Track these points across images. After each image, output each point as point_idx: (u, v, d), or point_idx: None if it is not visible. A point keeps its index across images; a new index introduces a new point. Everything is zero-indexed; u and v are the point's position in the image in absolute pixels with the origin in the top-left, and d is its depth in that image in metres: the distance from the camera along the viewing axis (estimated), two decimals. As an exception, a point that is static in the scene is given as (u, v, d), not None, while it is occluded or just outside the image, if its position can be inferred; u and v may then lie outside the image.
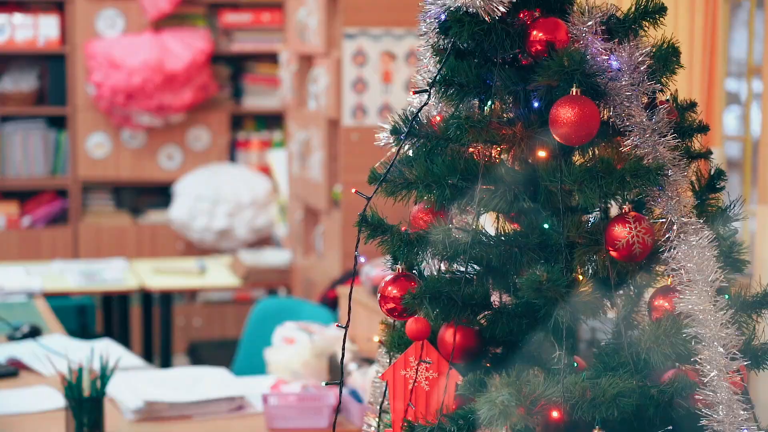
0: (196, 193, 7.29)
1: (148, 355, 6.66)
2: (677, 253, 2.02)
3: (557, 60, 2.03)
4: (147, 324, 6.67)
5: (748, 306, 2.13)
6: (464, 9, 2.08)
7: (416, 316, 2.15)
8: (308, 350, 3.78)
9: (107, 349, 4.19)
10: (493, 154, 2.18)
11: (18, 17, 7.56)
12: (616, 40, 2.11)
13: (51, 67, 7.68)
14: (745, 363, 2.00)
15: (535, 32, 2.10)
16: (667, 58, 2.12)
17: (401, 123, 2.16)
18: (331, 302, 5.05)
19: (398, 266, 2.16)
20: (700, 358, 1.99)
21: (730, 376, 1.98)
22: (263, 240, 7.52)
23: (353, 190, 2.13)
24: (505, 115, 2.12)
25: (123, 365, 4.00)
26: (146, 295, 6.54)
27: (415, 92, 2.14)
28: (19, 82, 7.64)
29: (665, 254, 2.04)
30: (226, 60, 7.94)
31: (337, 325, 2.17)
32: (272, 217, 7.21)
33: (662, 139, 2.05)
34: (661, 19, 2.15)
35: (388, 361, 2.32)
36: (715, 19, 3.80)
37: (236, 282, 6.39)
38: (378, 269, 4.22)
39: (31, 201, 7.72)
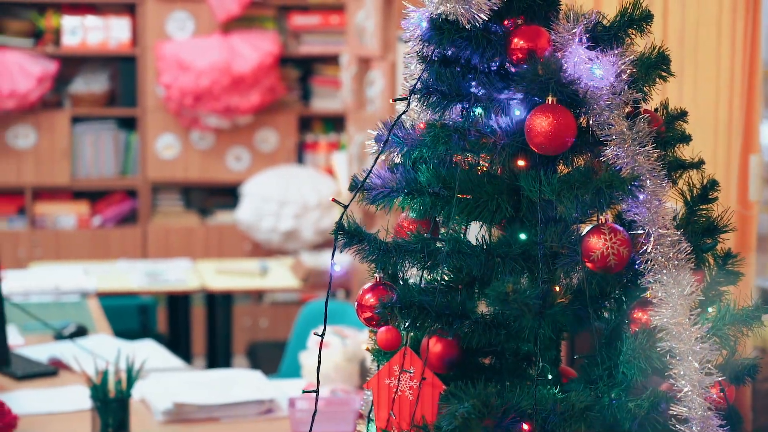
0: (263, 195, 7.33)
1: (212, 356, 6.71)
2: (653, 265, 1.98)
3: (532, 68, 2.00)
4: (211, 324, 6.72)
5: (737, 319, 2.09)
6: (444, 16, 2.06)
7: (389, 325, 2.14)
8: (340, 354, 3.78)
9: (148, 350, 4.24)
10: (479, 163, 2.16)
11: (90, 19, 7.67)
12: (600, 48, 2.08)
13: (122, 69, 7.78)
14: (720, 378, 1.96)
15: (516, 40, 2.08)
16: (650, 67, 2.08)
17: (384, 130, 2.15)
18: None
19: (377, 274, 2.15)
20: (674, 373, 1.95)
21: (707, 392, 1.94)
22: (329, 242, 7.54)
23: (331, 199, 2.12)
24: (486, 123, 2.10)
25: (162, 366, 4.05)
26: (210, 296, 6.59)
27: (395, 100, 2.13)
28: (90, 84, 7.75)
29: (642, 266, 2.00)
30: (295, 62, 7.98)
31: (314, 333, 2.16)
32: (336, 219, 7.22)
33: (642, 149, 2.01)
34: (647, 26, 2.12)
35: (376, 369, 2.31)
36: (756, 25, 3.73)
37: (297, 284, 6.41)
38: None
39: (101, 201, 7.82)
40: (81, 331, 4.44)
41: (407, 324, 2.05)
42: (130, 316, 6.38)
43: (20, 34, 7.61)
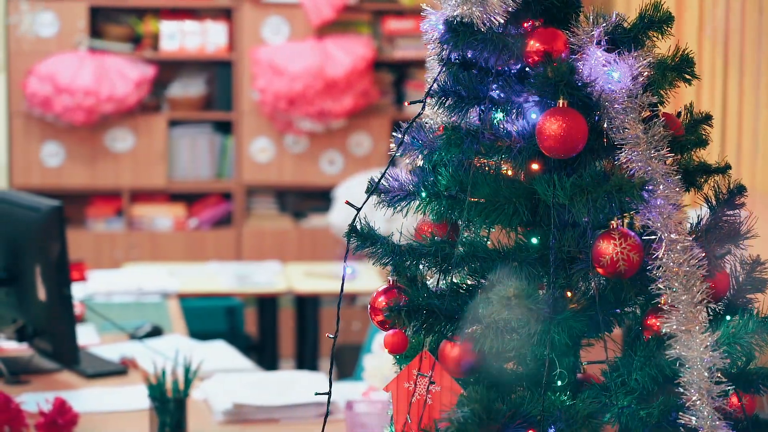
0: (355, 198, 7.34)
1: (301, 358, 6.76)
2: (664, 271, 1.95)
3: (543, 71, 1.98)
4: (300, 327, 6.76)
5: (760, 327, 2.04)
6: (460, 19, 2.05)
7: (397, 328, 2.13)
8: (402, 358, 3.77)
9: (217, 350, 4.28)
10: (500, 167, 2.14)
11: (188, 25, 7.77)
12: (618, 50, 2.05)
13: (218, 73, 7.87)
14: (730, 387, 1.91)
15: (532, 42, 2.06)
16: (667, 69, 2.04)
17: (403, 133, 2.15)
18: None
19: (390, 278, 2.15)
20: (683, 381, 1.91)
21: (716, 401, 1.90)
22: (420, 246, 7.52)
23: (345, 201, 2.12)
24: (502, 126, 2.08)
25: (228, 367, 4.09)
26: (299, 298, 6.63)
27: (410, 103, 2.12)
28: (188, 88, 7.86)
29: (653, 272, 1.97)
30: (389, 66, 7.99)
31: (328, 335, 2.16)
32: (427, 224, 7.21)
33: (657, 153, 1.98)
34: (668, 28, 2.08)
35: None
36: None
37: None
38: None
39: (197, 203, 7.93)
40: (156, 332, 4.51)
41: (415, 328, 2.04)
42: (217, 317, 6.45)
43: (120, 39, 7.75)
